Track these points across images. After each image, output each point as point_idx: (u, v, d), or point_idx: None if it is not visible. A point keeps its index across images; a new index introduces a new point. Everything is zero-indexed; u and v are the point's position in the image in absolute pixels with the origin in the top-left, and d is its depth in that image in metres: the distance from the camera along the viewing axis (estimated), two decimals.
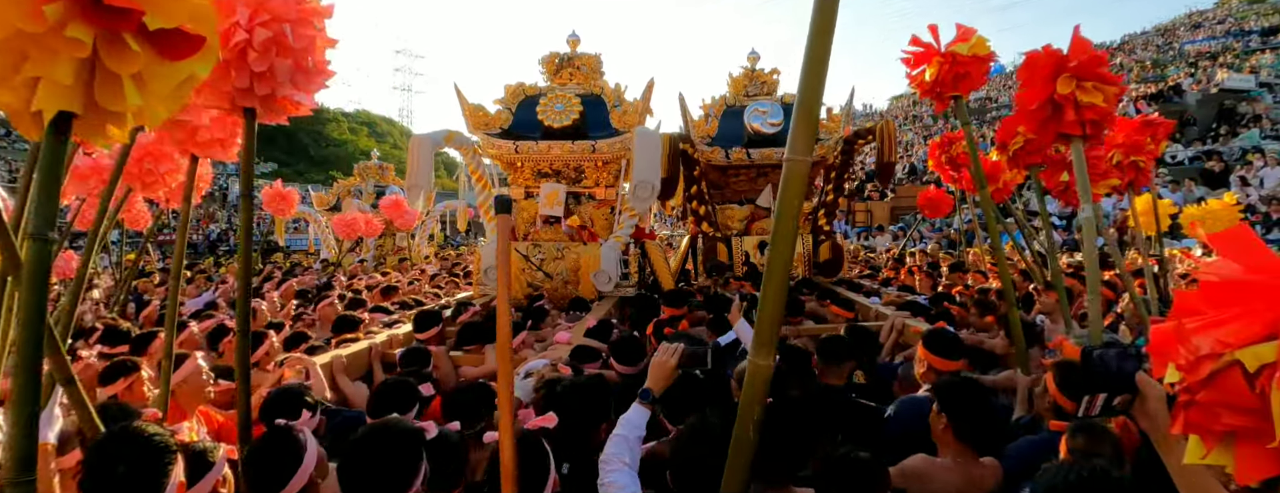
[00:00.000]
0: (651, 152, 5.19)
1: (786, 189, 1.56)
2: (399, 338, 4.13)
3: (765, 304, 1.57)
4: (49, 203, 1.20)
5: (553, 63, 7.22)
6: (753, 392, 1.58)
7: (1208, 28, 31.71)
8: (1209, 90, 20.35)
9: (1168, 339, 1.02)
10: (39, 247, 1.19)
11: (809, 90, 1.53)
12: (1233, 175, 14.35)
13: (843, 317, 4.66)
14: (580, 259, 6.11)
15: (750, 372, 1.58)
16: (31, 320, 1.19)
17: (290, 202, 9.87)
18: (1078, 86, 2.40)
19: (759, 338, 1.58)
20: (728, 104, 7.80)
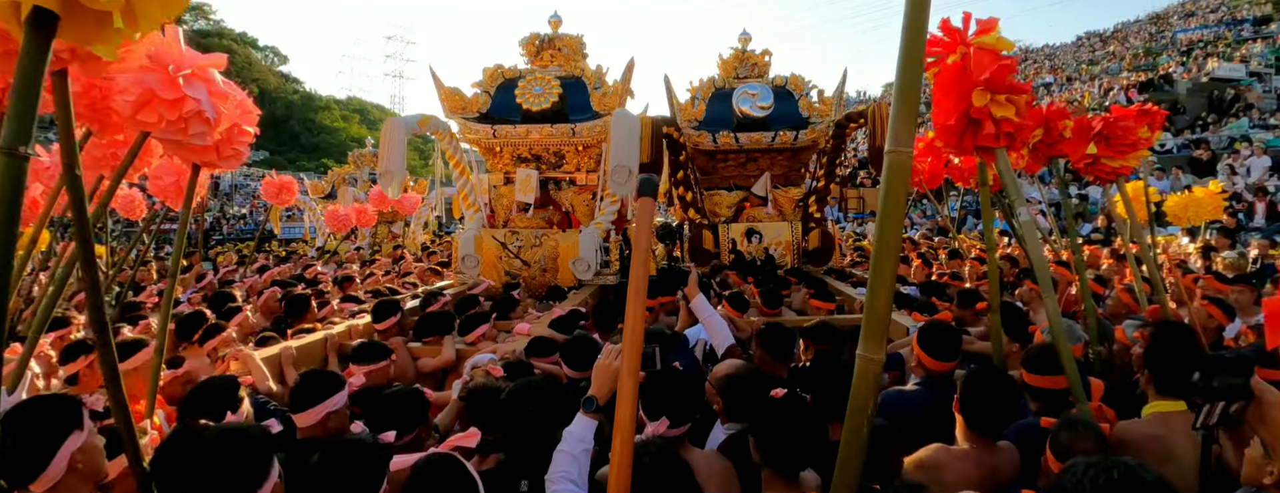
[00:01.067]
0: (629, 135, 5.02)
1: (890, 183, 1.50)
2: (359, 328, 4.00)
3: (874, 298, 1.51)
4: (26, 113, 1.12)
5: (533, 44, 7.02)
6: (863, 387, 1.49)
7: (1201, 16, 31.66)
8: (1199, 79, 20.33)
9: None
10: (11, 162, 1.11)
11: (907, 83, 1.50)
12: (1220, 164, 14.33)
13: (824, 309, 4.51)
14: (558, 247, 5.94)
15: (860, 366, 1.50)
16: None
17: (290, 191, 9.75)
18: (991, 100, 2.35)
19: (868, 332, 1.50)
20: (717, 87, 7.56)
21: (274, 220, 20.19)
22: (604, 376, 1.85)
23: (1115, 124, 3.87)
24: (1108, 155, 3.91)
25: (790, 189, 7.42)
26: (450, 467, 1.55)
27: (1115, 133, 3.85)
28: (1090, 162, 4.06)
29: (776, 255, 6.98)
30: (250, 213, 31.94)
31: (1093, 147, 3.93)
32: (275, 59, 60.67)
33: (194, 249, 17.57)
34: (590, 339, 3.02)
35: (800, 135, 7.02)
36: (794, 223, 7.12)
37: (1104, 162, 3.94)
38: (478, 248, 6.12)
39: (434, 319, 3.88)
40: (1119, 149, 3.90)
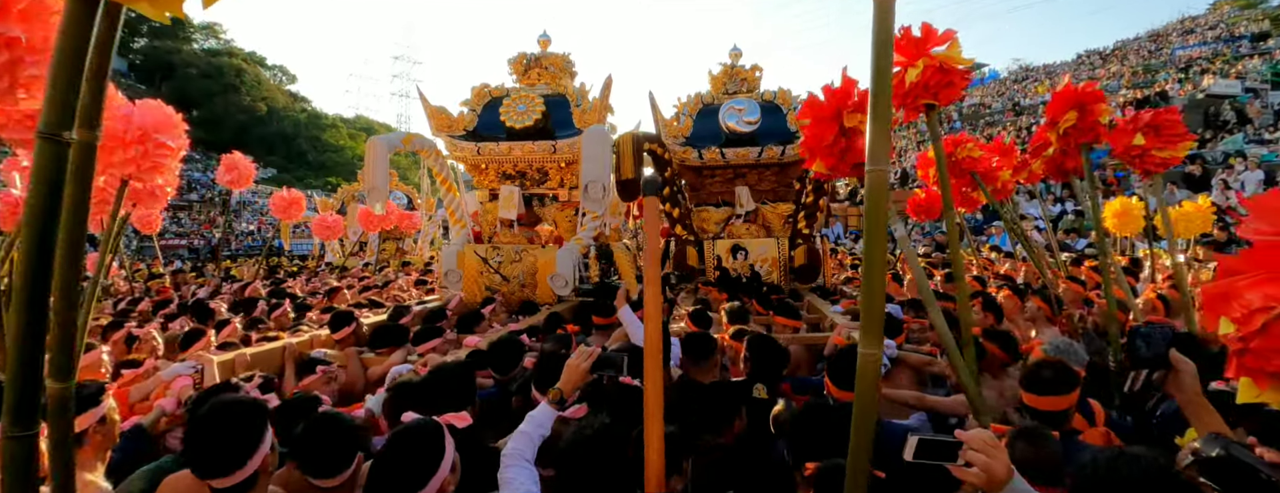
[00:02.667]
0: (600, 151, 5.07)
1: (871, 200, 1.57)
2: (320, 338, 4.06)
3: (868, 299, 1.58)
4: (67, 89, 1.04)
5: (521, 63, 7.12)
6: (866, 381, 1.55)
7: (1199, 33, 31.78)
8: (1195, 96, 20.36)
9: (1219, 298, 1.19)
10: (51, 148, 1.03)
11: (880, 102, 1.56)
12: (1214, 179, 14.31)
13: (789, 326, 4.49)
14: (537, 262, 5.98)
15: (861, 361, 1.55)
16: (37, 236, 1.04)
17: (299, 206, 9.90)
18: (861, 121, 2.55)
19: (866, 328, 1.57)
20: (705, 102, 7.61)
21: (284, 236, 20.40)
22: (573, 374, 2.03)
23: (1163, 115, 3.89)
24: (1157, 146, 3.90)
25: (779, 205, 7.41)
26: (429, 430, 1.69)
27: (1163, 123, 3.86)
28: (1139, 153, 4.05)
29: (763, 272, 6.98)
30: (258, 229, 32.25)
31: (1140, 137, 3.94)
32: (284, 78, 61.47)
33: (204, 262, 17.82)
34: (514, 341, 3.09)
35: (788, 150, 7.04)
36: (781, 239, 7.12)
37: (1154, 152, 3.94)
38: (460, 263, 6.16)
39: (388, 331, 3.99)
40: (1168, 139, 3.90)
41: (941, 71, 3.17)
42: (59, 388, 1.19)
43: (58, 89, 1.04)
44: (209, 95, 49.18)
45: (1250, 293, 1.13)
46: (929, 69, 3.19)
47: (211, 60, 51.66)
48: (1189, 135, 3.72)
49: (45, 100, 1.05)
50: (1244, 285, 1.15)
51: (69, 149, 1.06)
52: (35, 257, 1.05)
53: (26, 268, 1.05)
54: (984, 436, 1.37)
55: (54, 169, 1.05)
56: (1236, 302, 1.15)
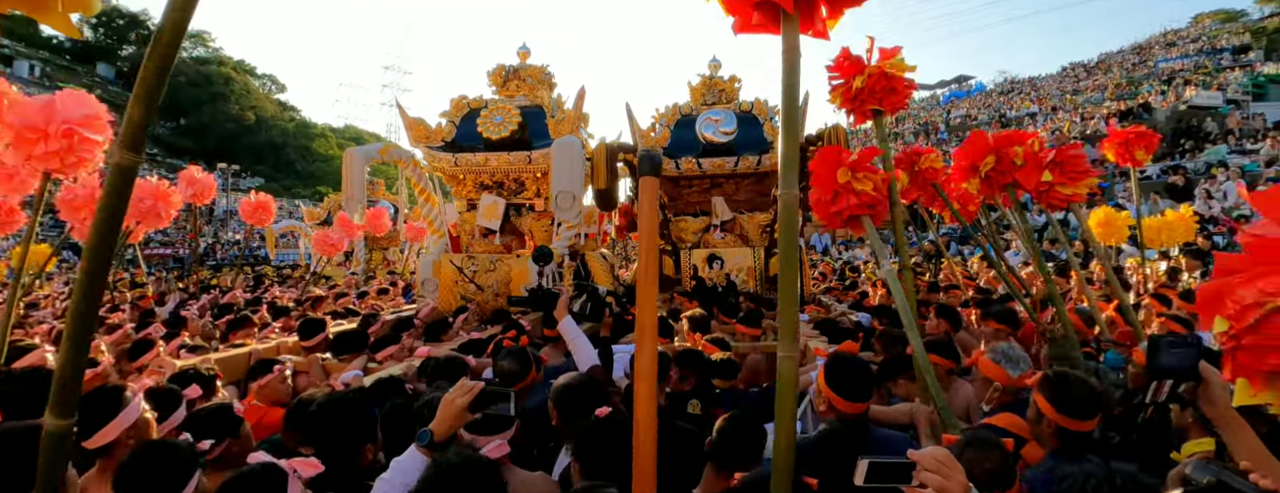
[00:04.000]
0: (569, 161, 5.10)
1: (785, 217, 1.68)
2: (287, 345, 4.07)
3: (785, 307, 1.68)
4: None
5: (500, 75, 7.16)
6: (784, 384, 1.63)
7: (1181, 46, 32.28)
8: (1177, 107, 20.64)
9: (1214, 296, 1.19)
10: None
11: (789, 146, 1.68)
12: (1197, 189, 14.49)
13: (750, 335, 4.50)
14: (511, 271, 5.98)
15: (781, 365, 1.63)
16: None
17: (267, 210, 9.81)
18: (853, 177, 2.73)
19: (784, 334, 1.67)
20: (682, 113, 7.66)
21: (269, 246, 20.34)
22: (448, 412, 1.75)
23: (1066, 152, 3.97)
24: (1061, 182, 4.00)
25: (756, 214, 7.45)
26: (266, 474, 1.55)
27: (1066, 160, 3.95)
28: (1045, 189, 4.16)
29: (739, 281, 7.00)
30: (244, 239, 32.11)
31: (1047, 174, 4.04)
32: (273, 87, 61.48)
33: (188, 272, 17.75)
34: (455, 359, 3.06)
35: (764, 160, 7.09)
36: (758, 249, 7.15)
37: (1058, 189, 4.04)
38: (436, 272, 6.16)
39: (348, 338, 4.02)
40: (1071, 176, 4.00)
41: (885, 78, 3.31)
42: (60, 425, 1.21)
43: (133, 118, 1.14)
44: (197, 104, 49.07)
45: (1244, 288, 1.13)
46: (873, 76, 3.31)
47: (200, 68, 51.59)
48: (1091, 172, 3.87)
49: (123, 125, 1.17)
50: (1239, 282, 1.15)
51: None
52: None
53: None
54: (937, 454, 1.30)
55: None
56: (1230, 298, 1.15)
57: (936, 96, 46.91)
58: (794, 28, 1.62)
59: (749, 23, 1.68)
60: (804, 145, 6.86)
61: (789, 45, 1.62)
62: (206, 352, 3.84)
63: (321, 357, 3.94)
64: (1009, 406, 2.45)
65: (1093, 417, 2.05)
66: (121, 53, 50.20)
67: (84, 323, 1.19)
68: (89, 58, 48.93)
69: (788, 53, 1.63)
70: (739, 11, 1.67)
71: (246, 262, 20.07)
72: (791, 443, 1.62)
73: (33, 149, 2.59)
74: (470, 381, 1.82)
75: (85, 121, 2.66)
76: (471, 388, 1.79)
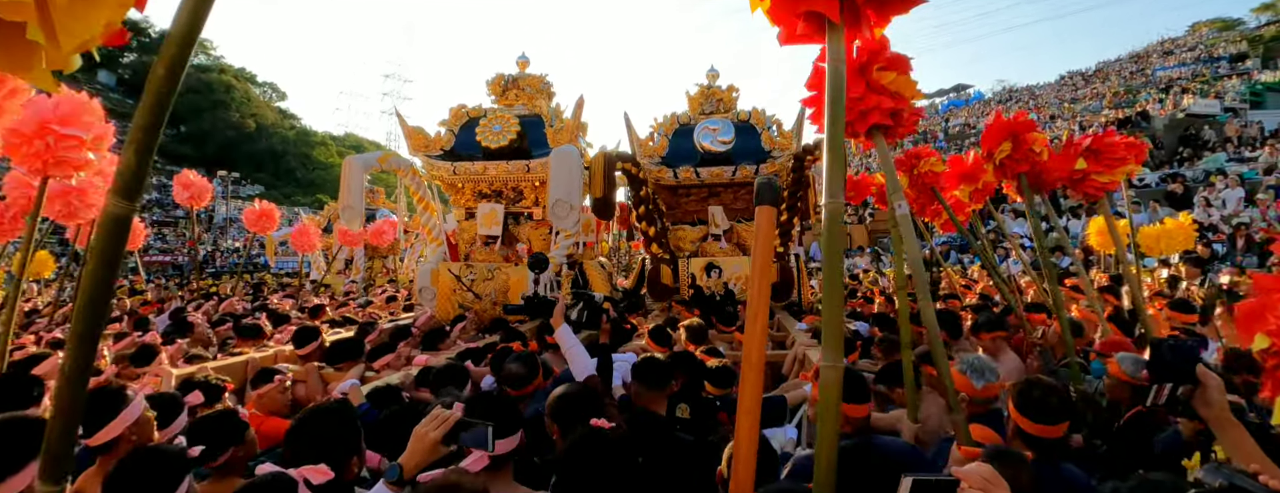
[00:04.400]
0: (566, 170, 5.11)
1: (828, 228, 1.68)
2: (284, 354, 4.08)
3: (829, 315, 1.64)
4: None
5: (499, 84, 7.20)
6: (829, 390, 1.59)
7: (1179, 55, 32.40)
8: (1175, 115, 20.70)
9: (1255, 313, 1.24)
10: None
11: (834, 142, 1.64)
12: (1196, 196, 14.50)
13: (739, 340, 4.51)
14: (510, 280, 5.98)
15: (824, 377, 1.60)
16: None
17: (271, 218, 9.85)
18: (893, 79, 2.42)
19: (827, 344, 1.63)
20: (681, 122, 7.71)
21: (269, 254, 20.37)
22: (419, 446, 1.64)
23: (1102, 140, 3.94)
24: (1097, 170, 3.95)
25: (753, 223, 7.45)
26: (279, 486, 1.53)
27: (1103, 148, 3.91)
28: (1079, 178, 4.08)
29: (737, 290, 6.99)
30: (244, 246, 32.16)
31: (1082, 162, 3.98)
32: (273, 94, 61.62)
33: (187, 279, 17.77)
34: (455, 367, 3.05)
35: (761, 169, 7.11)
36: None
37: (1093, 177, 3.98)
38: (434, 281, 6.16)
39: (344, 346, 4.03)
40: (1107, 164, 3.95)
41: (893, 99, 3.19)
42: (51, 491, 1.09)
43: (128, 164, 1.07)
44: (197, 111, 49.18)
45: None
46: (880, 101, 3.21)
47: (200, 76, 51.74)
48: (1128, 159, 3.78)
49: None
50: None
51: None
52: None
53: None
54: (982, 471, 1.31)
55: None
56: (1273, 312, 1.13)
57: (935, 105, 47.08)
58: (840, 38, 1.60)
59: (794, 33, 1.66)
60: (801, 155, 6.89)
61: (835, 55, 1.60)
62: (204, 360, 3.84)
63: (319, 366, 3.95)
64: (979, 416, 2.44)
65: (1059, 423, 2.05)
66: (122, 61, 50.34)
67: (76, 389, 1.06)
68: (89, 66, 49.12)
69: (833, 62, 1.60)
70: (785, 22, 1.65)
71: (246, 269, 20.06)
72: (832, 461, 1.55)
73: (19, 152, 2.58)
74: (444, 410, 1.74)
75: (65, 120, 2.61)
76: (445, 418, 1.69)
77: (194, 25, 1.03)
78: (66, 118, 2.58)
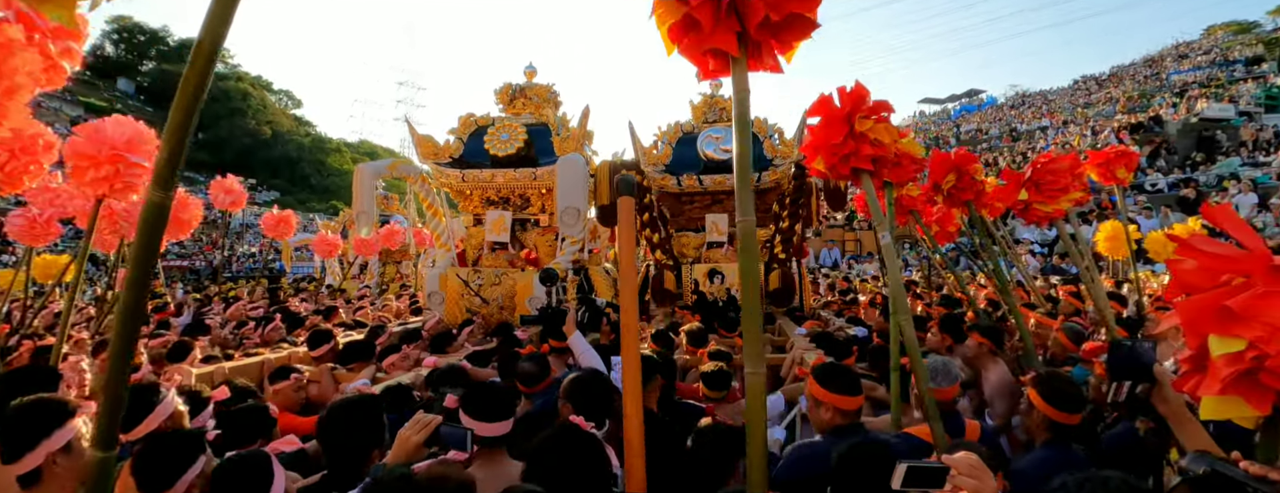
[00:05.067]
0: (574, 177, 5.26)
1: (744, 251, 1.73)
2: (298, 355, 4.22)
3: (748, 323, 1.75)
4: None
5: (507, 93, 7.36)
6: (754, 396, 1.67)
7: (1193, 58, 32.10)
8: (1189, 120, 20.53)
9: (1201, 314, 1.20)
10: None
11: (742, 160, 1.76)
12: (1209, 201, 14.41)
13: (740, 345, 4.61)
14: (516, 285, 6.12)
15: (749, 383, 1.68)
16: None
17: (288, 224, 10.11)
18: (871, 127, 2.59)
19: (749, 353, 1.73)
20: (684, 131, 7.84)
21: (286, 259, 20.73)
22: (402, 447, 1.75)
23: (1044, 170, 4.04)
24: (1038, 200, 4.07)
25: (757, 230, 7.55)
26: (255, 461, 1.64)
27: (1044, 179, 4.02)
28: (1022, 208, 4.22)
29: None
30: (260, 251, 32.55)
31: (1024, 193, 4.11)
32: (289, 102, 62.48)
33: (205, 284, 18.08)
34: (458, 368, 3.18)
35: (763, 177, 7.22)
36: (758, 263, 7.23)
37: (1036, 206, 4.11)
38: (443, 285, 6.32)
39: (356, 348, 4.21)
40: (1049, 194, 4.06)
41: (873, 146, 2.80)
42: (101, 457, 1.21)
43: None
44: (215, 118, 49.96)
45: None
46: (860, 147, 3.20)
47: (218, 84, 52.35)
48: (1074, 185, 3.90)
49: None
50: (1266, 300, 1.13)
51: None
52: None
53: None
54: (970, 459, 1.42)
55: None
56: (1259, 318, 1.12)
57: (947, 110, 46.91)
58: (743, 70, 1.70)
59: (708, 69, 1.77)
60: (802, 163, 6.98)
61: (739, 86, 1.71)
62: (219, 361, 3.99)
63: (332, 366, 4.10)
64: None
65: (1079, 411, 2.31)
66: (141, 68, 51.30)
67: (125, 351, 1.19)
68: (109, 73, 50.07)
69: (738, 93, 1.71)
70: (697, 60, 1.76)
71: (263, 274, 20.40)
72: (763, 463, 1.65)
73: (84, 176, 2.71)
74: (427, 415, 1.86)
75: (130, 146, 2.74)
76: (427, 423, 1.81)
77: (219, 32, 1.13)
78: (132, 145, 2.71)
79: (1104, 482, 1.34)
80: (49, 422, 1.75)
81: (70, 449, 1.78)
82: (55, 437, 1.73)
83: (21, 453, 1.70)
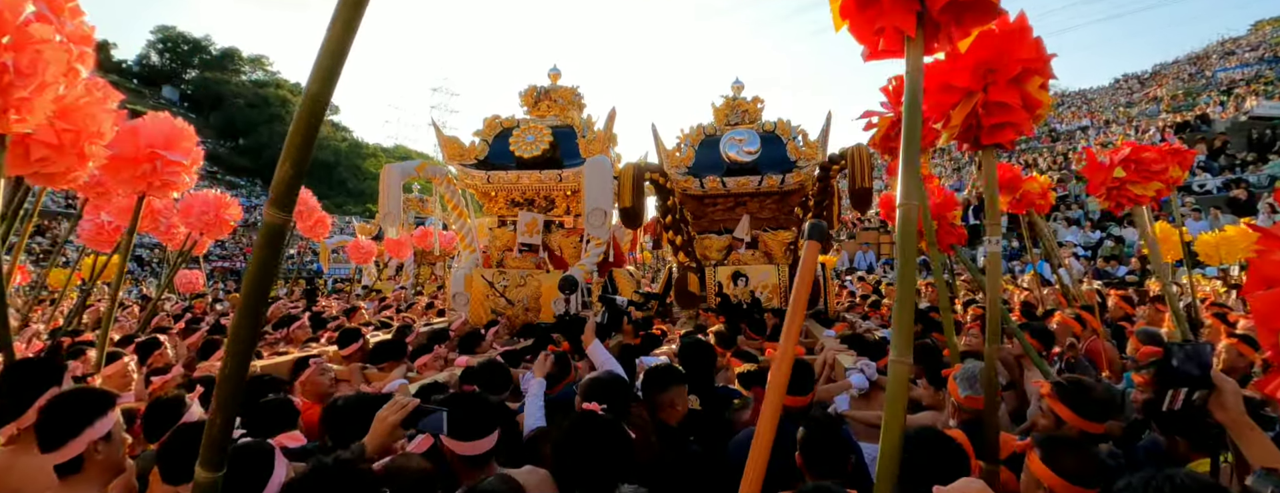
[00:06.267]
0: (601, 179, 5.28)
1: (903, 236, 1.63)
2: (328, 354, 4.30)
3: (900, 312, 1.64)
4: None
5: (531, 95, 7.43)
6: (896, 386, 1.60)
7: (1240, 55, 30.91)
8: (1238, 118, 19.78)
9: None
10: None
11: (910, 143, 1.65)
12: (1260, 202, 13.85)
13: (770, 350, 4.57)
14: (541, 287, 6.17)
15: (892, 371, 1.61)
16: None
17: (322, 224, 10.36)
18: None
19: (897, 340, 1.63)
20: (706, 133, 7.83)
21: (324, 261, 21.26)
22: (380, 428, 1.77)
23: (1141, 152, 3.89)
24: (1133, 180, 3.89)
25: (780, 232, 7.51)
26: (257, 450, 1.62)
27: (1142, 157, 3.86)
28: (1116, 186, 4.00)
29: (763, 298, 7.04)
30: (298, 253, 33.39)
31: (1120, 170, 3.90)
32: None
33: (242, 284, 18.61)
34: (496, 364, 3.20)
35: (787, 179, 7.17)
36: (781, 266, 7.19)
37: (1130, 187, 3.92)
38: (468, 286, 6.39)
39: (387, 347, 4.26)
40: (1145, 175, 3.87)
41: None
42: (209, 478, 1.21)
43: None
44: (254, 125, 51.42)
45: None
46: (892, 123, 3.26)
47: (258, 91, 54.14)
48: (1164, 172, 3.71)
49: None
50: None
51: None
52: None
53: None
54: (971, 488, 1.41)
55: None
56: None
57: None
58: (918, 51, 1.64)
59: (876, 49, 1.71)
60: (826, 165, 6.92)
61: (912, 67, 1.64)
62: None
63: (362, 366, 4.17)
64: (967, 423, 2.50)
65: (1104, 420, 2.23)
66: (185, 76, 53.02)
67: (239, 374, 1.17)
68: (154, 81, 51.86)
69: (911, 75, 1.64)
70: (866, 39, 1.70)
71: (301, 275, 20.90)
72: (896, 451, 1.59)
73: (121, 174, 2.77)
74: (404, 398, 1.89)
75: (168, 144, 2.79)
76: (404, 405, 1.83)
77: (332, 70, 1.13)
78: (170, 142, 2.76)
79: (1170, 479, 1.29)
80: (91, 410, 1.79)
81: (111, 438, 1.82)
82: (97, 426, 1.78)
83: (64, 441, 1.73)
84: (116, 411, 1.86)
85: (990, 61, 2.00)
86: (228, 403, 1.17)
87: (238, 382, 1.16)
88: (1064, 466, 1.76)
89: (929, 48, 1.68)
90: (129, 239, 3.12)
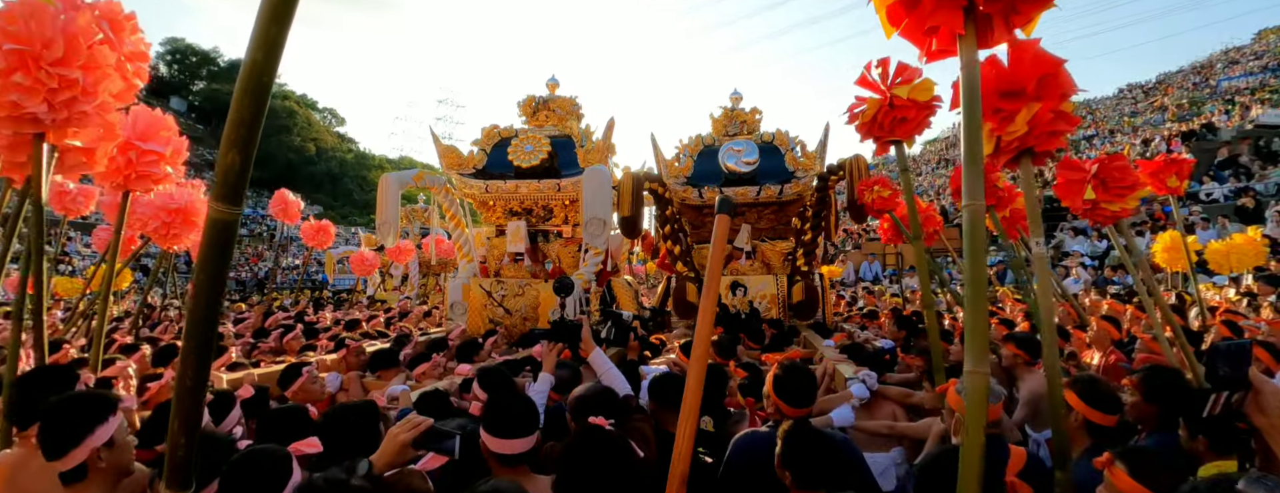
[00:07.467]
0: (600, 189, 5.28)
1: (971, 236, 1.63)
2: (325, 362, 4.29)
3: (972, 318, 1.63)
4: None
5: (530, 105, 7.45)
6: (975, 398, 1.57)
7: (1244, 64, 30.84)
8: (1244, 127, 19.71)
9: None
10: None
11: (971, 140, 1.64)
12: (1268, 211, 13.77)
13: (768, 360, 4.54)
14: (539, 296, 6.15)
15: (969, 383, 1.58)
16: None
17: (327, 234, 10.42)
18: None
19: (971, 350, 1.62)
20: (705, 144, 7.84)
21: (329, 270, 21.33)
22: (391, 446, 1.73)
23: (1108, 166, 3.87)
24: (1106, 199, 3.87)
25: (778, 243, 7.48)
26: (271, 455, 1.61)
27: (1111, 175, 3.84)
28: (1090, 207, 4.00)
29: (762, 308, 7.01)
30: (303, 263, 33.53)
31: (1090, 192, 3.90)
32: (333, 120, 64.39)
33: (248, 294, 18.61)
34: (499, 370, 3.13)
35: (785, 189, 7.15)
36: (780, 276, 7.16)
37: (1104, 206, 3.91)
38: (465, 296, 6.38)
39: (386, 356, 4.25)
40: (1116, 192, 3.86)
41: (895, 108, 3.25)
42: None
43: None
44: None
45: None
46: (881, 108, 3.30)
47: None
48: (1139, 185, 3.68)
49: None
50: None
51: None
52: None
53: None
54: None
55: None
56: None
57: None
58: (971, 46, 1.62)
59: (930, 50, 1.69)
60: (824, 176, 6.90)
61: (967, 61, 1.63)
62: (247, 368, 4.10)
63: (361, 374, 4.16)
64: None
65: (1116, 413, 2.34)
66: (193, 88, 53.46)
67: (198, 388, 1.12)
68: (163, 92, 52.34)
69: (966, 69, 1.63)
70: (918, 41, 1.69)
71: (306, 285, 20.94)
72: (978, 464, 1.57)
73: (97, 166, 2.65)
74: (419, 416, 1.85)
75: (144, 135, 2.74)
76: (418, 424, 1.79)
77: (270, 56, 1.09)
78: (145, 133, 2.71)
79: (1231, 484, 1.23)
80: (92, 417, 1.75)
81: (113, 444, 1.77)
82: (99, 432, 1.73)
83: (66, 449, 1.70)
84: (118, 416, 1.82)
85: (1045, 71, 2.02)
86: (190, 419, 1.11)
87: (199, 396, 1.11)
88: (1157, 481, 1.63)
89: (986, 40, 1.66)
90: (117, 238, 3.01)
